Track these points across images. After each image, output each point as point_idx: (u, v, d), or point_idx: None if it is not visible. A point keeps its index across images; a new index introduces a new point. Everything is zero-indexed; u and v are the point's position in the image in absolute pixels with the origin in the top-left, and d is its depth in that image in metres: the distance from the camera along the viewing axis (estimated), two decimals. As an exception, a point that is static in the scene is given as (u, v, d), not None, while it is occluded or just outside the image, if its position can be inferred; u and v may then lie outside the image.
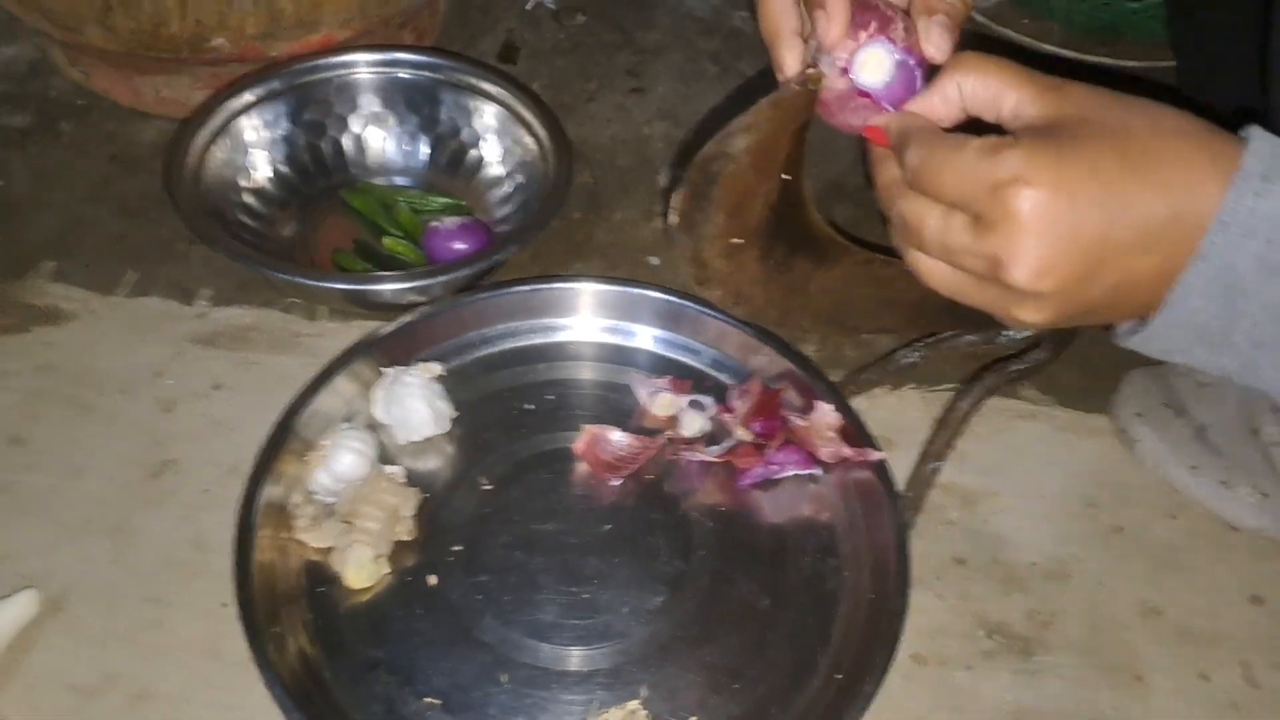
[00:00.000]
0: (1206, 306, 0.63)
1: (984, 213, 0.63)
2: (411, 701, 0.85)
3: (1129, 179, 0.61)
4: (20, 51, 1.37)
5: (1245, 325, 0.63)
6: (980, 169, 0.63)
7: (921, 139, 0.68)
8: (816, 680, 0.88)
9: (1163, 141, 0.63)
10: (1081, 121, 0.63)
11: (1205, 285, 0.62)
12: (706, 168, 0.76)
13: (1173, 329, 0.65)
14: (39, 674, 0.86)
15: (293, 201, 1.20)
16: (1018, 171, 0.62)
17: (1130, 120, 0.64)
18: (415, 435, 0.99)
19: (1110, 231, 0.62)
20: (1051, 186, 0.61)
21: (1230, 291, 0.62)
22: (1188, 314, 0.64)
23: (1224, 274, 0.62)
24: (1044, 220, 0.61)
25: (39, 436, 1.01)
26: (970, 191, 0.64)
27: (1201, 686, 0.91)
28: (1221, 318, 0.63)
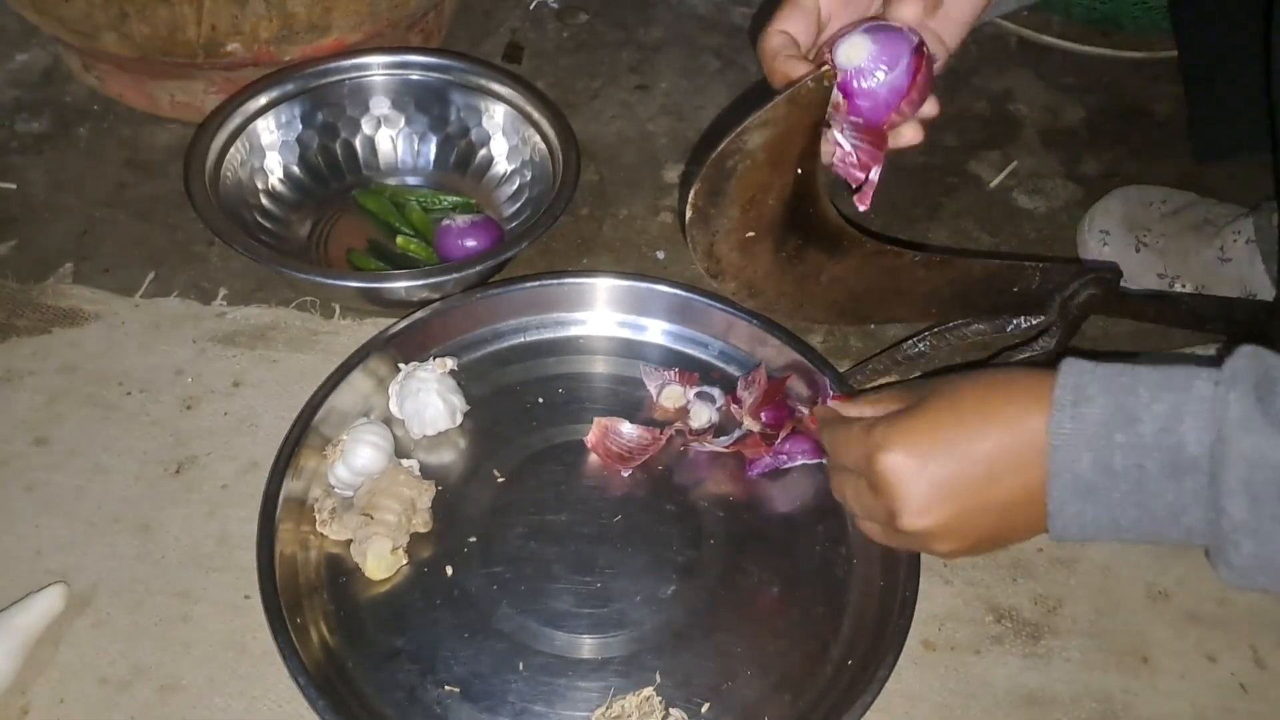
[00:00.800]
0: (1083, 509, 0.74)
1: (868, 478, 0.80)
2: (431, 689, 0.86)
3: (964, 430, 0.77)
4: (35, 58, 1.38)
5: (1120, 514, 0.73)
6: (860, 443, 0.81)
7: (828, 424, 0.88)
8: (828, 666, 0.89)
9: (988, 393, 0.78)
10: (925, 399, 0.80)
11: (1069, 495, 0.74)
12: (723, 164, 0.77)
13: (1069, 530, 0.75)
14: (69, 667, 0.88)
15: (307, 202, 1.22)
16: (880, 441, 0.79)
17: (961, 387, 0.79)
18: (430, 429, 1.00)
19: (963, 470, 0.77)
20: (904, 448, 0.78)
21: (1091, 494, 0.73)
22: (1073, 517, 0.74)
23: (1076, 483, 0.73)
24: (906, 475, 0.78)
25: (63, 436, 1.02)
26: (858, 461, 0.81)
27: (1209, 668, 0.92)
28: (1101, 513, 0.73)
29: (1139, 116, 1.40)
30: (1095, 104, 1.41)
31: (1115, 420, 0.72)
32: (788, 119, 0.75)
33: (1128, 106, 1.41)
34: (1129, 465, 0.71)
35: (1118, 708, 0.90)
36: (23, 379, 1.06)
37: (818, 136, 0.78)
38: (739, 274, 0.86)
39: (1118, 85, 1.44)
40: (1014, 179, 1.31)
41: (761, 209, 0.81)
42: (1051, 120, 1.39)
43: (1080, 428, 0.72)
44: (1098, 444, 0.72)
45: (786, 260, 0.87)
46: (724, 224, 0.81)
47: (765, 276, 0.87)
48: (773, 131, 0.76)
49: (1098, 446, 0.72)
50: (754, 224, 0.82)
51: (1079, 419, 0.72)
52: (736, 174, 0.77)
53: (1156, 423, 0.70)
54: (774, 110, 0.74)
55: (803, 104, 0.75)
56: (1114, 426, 0.71)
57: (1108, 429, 0.72)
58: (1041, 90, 1.43)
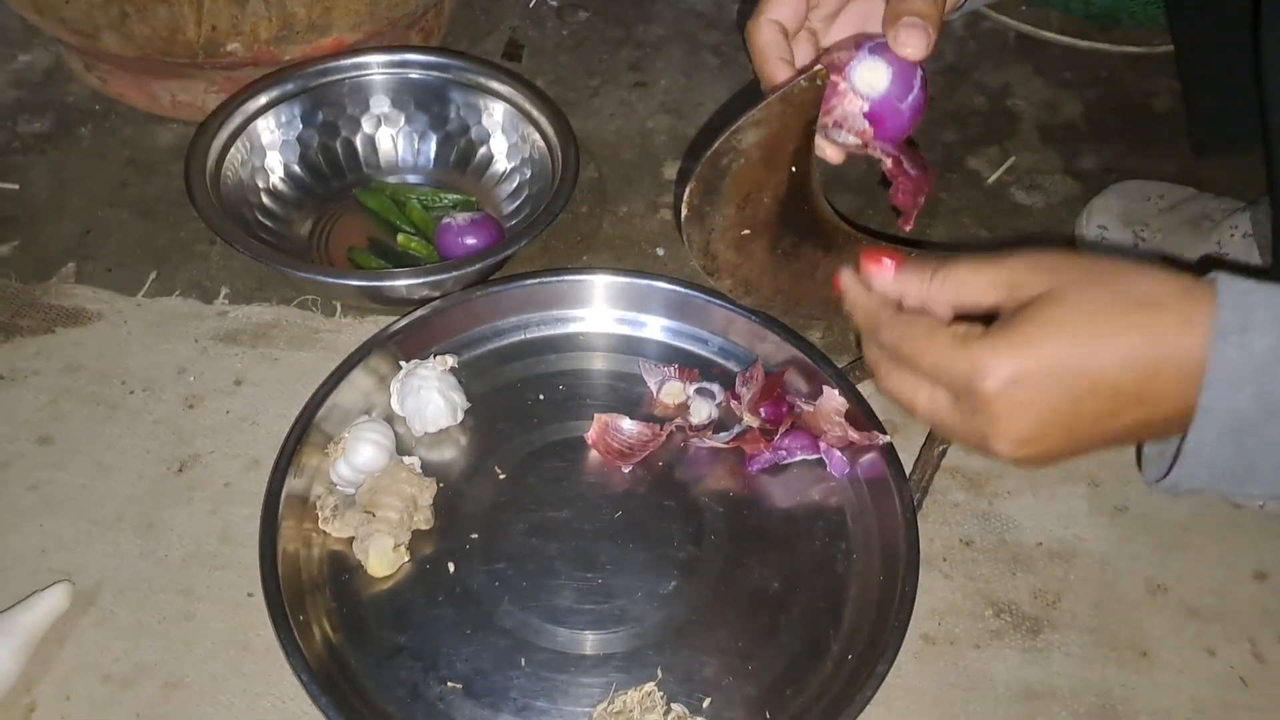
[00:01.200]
0: (1221, 452, 0.65)
1: (961, 398, 0.68)
2: (434, 686, 0.87)
3: (1096, 359, 0.64)
4: (37, 59, 1.39)
5: (1264, 458, 0.65)
6: (953, 361, 0.67)
7: (892, 323, 0.72)
8: (828, 661, 0.89)
9: (1128, 314, 0.65)
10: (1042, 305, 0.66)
11: (1215, 436, 0.65)
12: (717, 162, 0.78)
13: (1195, 474, 0.67)
14: (73, 665, 0.88)
15: (308, 201, 1.22)
16: (985, 367, 0.65)
17: (1096, 298, 0.66)
18: (431, 426, 1.01)
19: (1083, 407, 0.65)
20: (1017, 381, 0.65)
21: (1239, 433, 0.64)
22: (1205, 461, 0.66)
23: (1229, 419, 0.64)
24: (1015, 409, 0.65)
25: (67, 435, 1.02)
26: (946, 379, 0.68)
27: (1208, 662, 0.93)
28: (1240, 457, 0.65)
29: (1137, 111, 1.40)
30: (1094, 99, 1.41)
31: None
32: (781, 118, 0.76)
33: (1126, 101, 1.41)
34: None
35: (1117, 701, 0.90)
36: (26, 379, 1.06)
37: (811, 135, 0.78)
38: (735, 271, 0.87)
39: (1116, 80, 1.44)
40: (1012, 174, 1.31)
41: (756, 207, 0.82)
42: (1050, 115, 1.39)
43: (1245, 358, 0.63)
44: (1262, 376, 0.63)
45: (782, 257, 0.87)
46: (719, 222, 0.82)
47: (761, 273, 0.88)
48: (766, 130, 0.76)
49: (1262, 380, 0.63)
50: (749, 222, 0.83)
51: (1244, 347, 0.63)
52: (731, 172, 0.78)
53: None
54: (767, 109, 0.75)
55: (795, 103, 0.75)
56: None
57: (1277, 358, 0.63)
58: (1040, 86, 1.43)
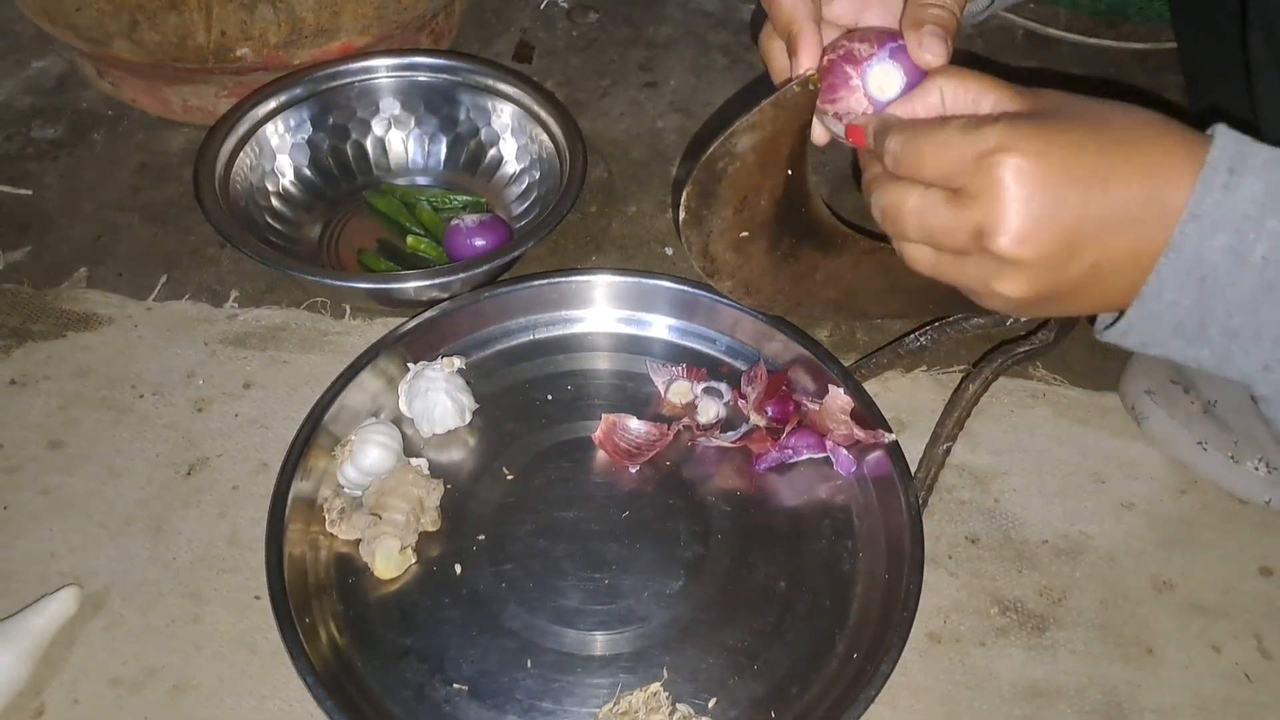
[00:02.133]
0: (1181, 299, 0.65)
1: (967, 184, 0.65)
2: (440, 688, 0.87)
3: (1108, 158, 0.63)
4: (51, 65, 1.40)
5: (1219, 316, 0.64)
6: (963, 142, 0.65)
7: (902, 126, 0.70)
8: (834, 660, 0.89)
9: (1138, 130, 0.65)
10: (1060, 110, 0.66)
11: (1179, 277, 0.64)
12: (713, 166, 0.78)
13: (1149, 321, 0.66)
14: (82, 668, 0.89)
15: (318, 204, 1.23)
16: (1001, 141, 0.63)
17: (1105, 112, 0.66)
18: (439, 428, 1.01)
19: (1090, 206, 0.63)
20: (1035, 155, 0.63)
21: (1203, 284, 0.64)
22: (1163, 306, 0.65)
23: (1196, 265, 0.63)
24: (1028, 187, 0.63)
25: (77, 440, 1.03)
26: (953, 164, 0.65)
27: (1214, 658, 0.92)
28: (1196, 310, 0.65)
29: (1145, 106, 1.39)
30: (1102, 95, 1.40)
31: (1275, 201, 0.62)
32: (775, 122, 0.76)
33: (1135, 97, 1.40)
34: (1270, 260, 0.62)
35: (1122, 698, 0.90)
36: (38, 383, 1.07)
37: (805, 138, 0.79)
38: (735, 273, 0.87)
39: (1125, 76, 1.43)
40: (1021, 170, 1.31)
41: (754, 209, 0.82)
42: (1059, 111, 1.38)
43: (1230, 200, 0.62)
44: (1242, 225, 0.62)
45: (782, 259, 0.87)
46: (718, 224, 0.82)
47: (761, 275, 0.88)
48: (761, 134, 0.76)
49: (1241, 229, 0.62)
50: (747, 224, 0.83)
51: (1232, 189, 0.62)
52: (727, 176, 0.78)
53: None
54: (761, 114, 0.75)
55: (789, 107, 0.76)
56: (1270, 209, 0.62)
57: (1261, 210, 0.62)
58: (1048, 82, 1.41)
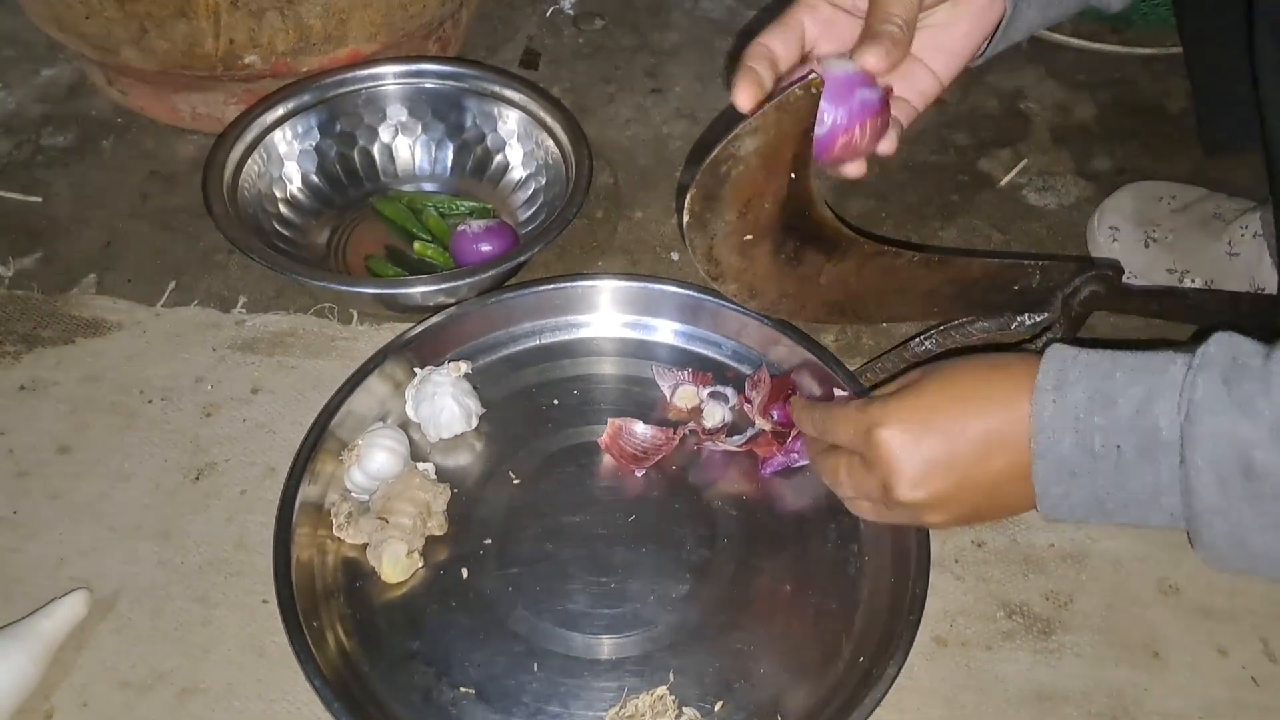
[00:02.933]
0: (1069, 491, 0.78)
1: (865, 453, 0.84)
2: (447, 691, 0.87)
3: (960, 410, 0.81)
4: (60, 73, 1.41)
5: (1103, 495, 0.76)
6: (857, 420, 0.85)
7: (816, 409, 0.92)
8: (840, 663, 0.90)
9: (978, 377, 0.82)
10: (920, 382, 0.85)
11: (1053, 477, 0.78)
12: (717, 170, 0.79)
13: (1059, 509, 0.79)
14: (91, 671, 0.89)
15: (325, 210, 1.24)
16: (878, 418, 0.83)
17: (955, 371, 0.84)
18: (445, 432, 1.01)
19: (957, 448, 0.81)
20: (902, 425, 0.82)
21: (1074, 476, 0.77)
22: (1057, 499, 0.79)
23: (1060, 465, 0.77)
24: (903, 449, 0.82)
25: (87, 444, 1.04)
26: (854, 437, 0.85)
27: (1220, 662, 0.92)
28: (1086, 494, 0.77)
29: (1150, 112, 1.40)
30: (1107, 100, 1.41)
31: (1094, 403, 0.75)
32: (778, 125, 0.77)
33: (1139, 103, 1.41)
34: (1108, 446, 0.74)
35: (1128, 702, 0.90)
36: (48, 389, 1.07)
37: (809, 142, 0.79)
38: (739, 276, 0.88)
39: (1129, 82, 1.44)
40: (1025, 176, 1.32)
41: (758, 213, 0.82)
42: (1063, 117, 1.39)
43: (1062, 410, 0.76)
44: (1079, 426, 0.75)
45: (786, 262, 0.88)
46: (721, 228, 0.82)
47: (765, 278, 0.88)
48: (764, 138, 0.77)
49: (1079, 429, 0.75)
50: (751, 227, 0.83)
51: (1061, 401, 0.76)
52: (730, 179, 0.79)
53: (1132, 405, 0.74)
54: (764, 117, 0.76)
55: (791, 111, 0.76)
56: (1093, 409, 0.75)
57: (1088, 411, 0.75)
58: (1053, 88, 1.43)
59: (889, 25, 0.81)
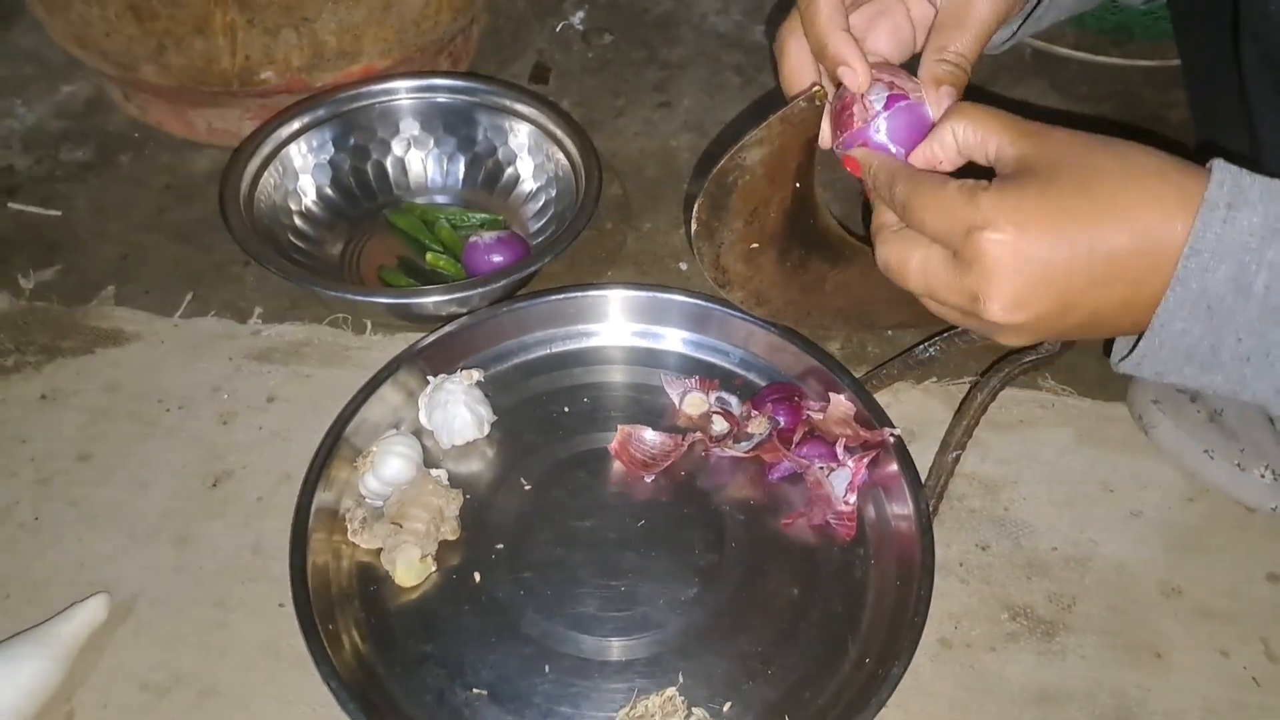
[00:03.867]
0: (1190, 328, 0.67)
1: (960, 251, 0.69)
2: (460, 693, 0.89)
3: (1096, 219, 0.66)
4: (79, 89, 1.43)
5: (1230, 342, 0.66)
6: (958, 210, 0.68)
7: (906, 176, 0.73)
8: (846, 664, 0.91)
9: (1130, 182, 0.66)
10: (1054, 166, 0.67)
11: (1186, 309, 0.66)
12: (723, 179, 0.80)
13: (1161, 352, 0.68)
14: (111, 674, 0.91)
15: (340, 223, 1.25)
16: (989, 216, 0.66)
17: (1101, 163, 0.67)
18: (458, 439, 1.03)
19: (1077, 268, 0.66)
20: (1019, 230, 0.66)
21: (1210, 312, 0.65)
22: (1173, 336, 0.67)
23: (1201, 296, 0.65)
24: (1013, 261, 0.66)
25: (106, 452, 1.05)
26: (949, 230, 0.69)
27: (1221, 663, 0.93)
28: (1206, 337, 0.67)
29: (1152, 123, 1.41)
30: (1109, 112, 1.43)
31: (1274, 233, 0.64)
32: (782, 136, 0.78)
33: (1141, 114, 1.42)
34: (1273, 288, 0.64)
35: (1131, 702, 0.91)
36: (68, 398, 1.09)
37: (813, 152, 0.81)
38: (746, 284, 0.89)
39: (1131, 93, 1.45)
40: (1030, 186, 1.32)
41: (763, 221, 0.84)
42: (1067, 128, 1.40)
43: (1230, 234, 0.64)
44: (1243, 257, 0.64)
45: (791, 270, 0.89)
46: (728, 236, 0.84)
47: (772, 285, 0.90)
48: (769, 148, 0.78)
49: (1242, 260, 0.64)
50: (757, 236, 0.85)
51: (1231, 223, 0.64)
52: (737, 189, 0.80)
53: None
54: (769, 129, 0.77)
55: (796, 123, 0.77)
56: (1270, 240, 0.64)
57: (1261, 241, 0.64)
58: (1056, 100, 1.44)
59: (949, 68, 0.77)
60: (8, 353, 1.13)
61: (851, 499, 0.98)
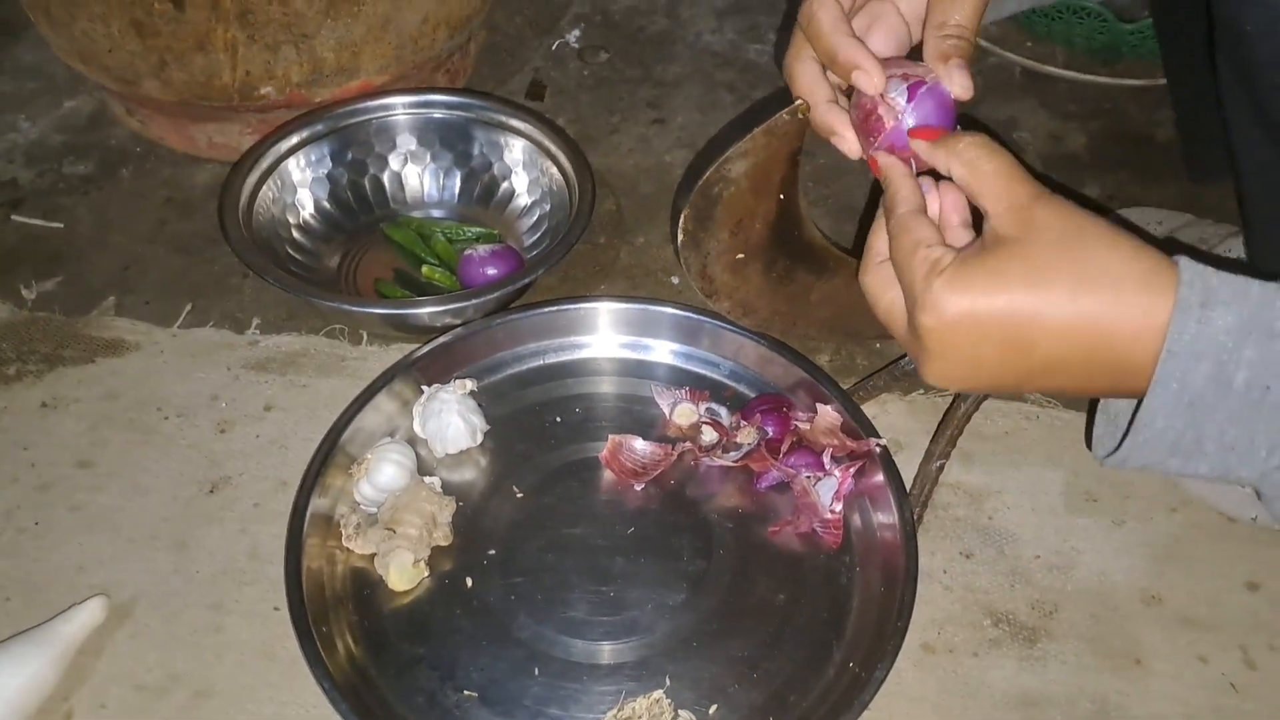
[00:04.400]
0: (1173, 425, 0.67)
1: (910, 314, 0.72)
2: (451, 695, 0.90)
3: (1035, 327, 0.67)
4: (81, 104, 1.45)
5: (1213, 433, 0.67)
6: (914, 281, 0.71)
7: (902, 214, 0.75)
8: (831, 668, 0.92)
9: (1087, 295, 0.66)
10: (1015, 256, 0.68)
11: (1168, 407, 0.66)
12: (708, 191, 0.82)
13: (1145, 448, 0.69)
14: (108, 675, 0.92)
15: (337, 236, 1.27)
16: (934, 300, 0.69)
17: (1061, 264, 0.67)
18: (451, 448, 1.04)
19: (1007, 364, 0.69)
20: (950, 329, 0.69)
21: (1192, 408, 0.66)
22: (1156, 434, 0.68)
23: (1182, 393, 0.66)
24: (940, 349, 0.70)
25: (106, 459, 1.07)
26: (907, 291, 0.72)
27: (1200, 669, 0.94)
28: (1189, 430, 0.67)
29: (1140, 142, 1.42)
30: (1097, 130, 1.44)
31: (1249, 331, 0.64)
32: (767, 148, 0.79)
33: (1129, 132, 1.44)
34: (1254, 385, 0.64)
35: (1111, 708, 0.92)
36: (68, 406, 1.11)
37: (796, 165, 0.82)
38: (732, 294, 0.90)
39: (1119, 112, 1.46)
40: (1017, 202, 1.33)
41: (749, 232, 0.85)
42: (1054, 147, 1.42)
43: (1206, 334, 0.64)
44: (1221, 356, 0.64)
45: (777, 280, 0.90)
46: (714, 247, 0.85)
47: (758, 295, 0.91)
48: (753, 160, 0.80)
49: (1220, 359, 0.64)
50: (743, 246, 0.86)
51: (1206, 324, 0.64)
52: (722, 200, 0.81)
53: None
54: (753, 141, 0.79)
55: (780, 135, 0.79)
56: (1245, 339, 0.64)
57: (1237, 340, 0.64)
58: (1045, 118, 1.45)
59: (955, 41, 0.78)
60: (10, 361, 1.15)
61: (837, 508, 0.99)
